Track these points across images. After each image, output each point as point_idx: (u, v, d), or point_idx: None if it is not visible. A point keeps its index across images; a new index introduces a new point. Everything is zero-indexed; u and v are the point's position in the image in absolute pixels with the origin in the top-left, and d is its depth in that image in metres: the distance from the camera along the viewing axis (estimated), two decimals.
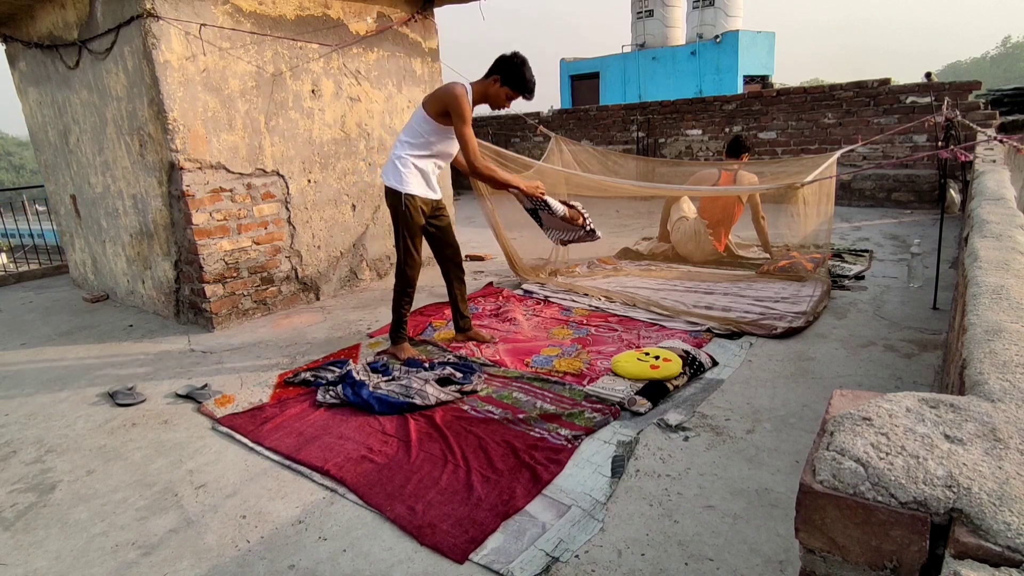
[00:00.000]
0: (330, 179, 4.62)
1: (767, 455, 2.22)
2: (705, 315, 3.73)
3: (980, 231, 2.04)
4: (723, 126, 8.97)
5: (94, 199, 4.74)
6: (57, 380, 3.37)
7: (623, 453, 2.26)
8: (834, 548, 0.75)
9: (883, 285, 4.24)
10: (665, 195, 5.35)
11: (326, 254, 4.67)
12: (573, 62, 20.14)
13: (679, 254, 5.21)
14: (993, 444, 0.77)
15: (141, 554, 1.89)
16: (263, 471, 2.31)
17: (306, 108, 4.38)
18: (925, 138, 7.26)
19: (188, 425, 2.73)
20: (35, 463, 2.50)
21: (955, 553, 0.66)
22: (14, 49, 4.98)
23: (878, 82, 7.68)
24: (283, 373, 3.19)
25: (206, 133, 3.83)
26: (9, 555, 1.94)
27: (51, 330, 4.32)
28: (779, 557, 1.71)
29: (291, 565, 1.80)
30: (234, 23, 3.89)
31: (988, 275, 1.53)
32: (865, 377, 2.82)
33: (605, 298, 4.20)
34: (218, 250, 3.98)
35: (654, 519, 1.90)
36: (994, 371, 0.99)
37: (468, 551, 1.79)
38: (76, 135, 4.64)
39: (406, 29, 4.99)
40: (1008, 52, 59.06)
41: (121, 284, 4.85)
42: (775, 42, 18.02)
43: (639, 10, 19.64)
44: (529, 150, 10.64)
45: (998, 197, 2.64)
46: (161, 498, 2.19)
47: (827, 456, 0.78)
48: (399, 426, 2.54)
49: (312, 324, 4.07)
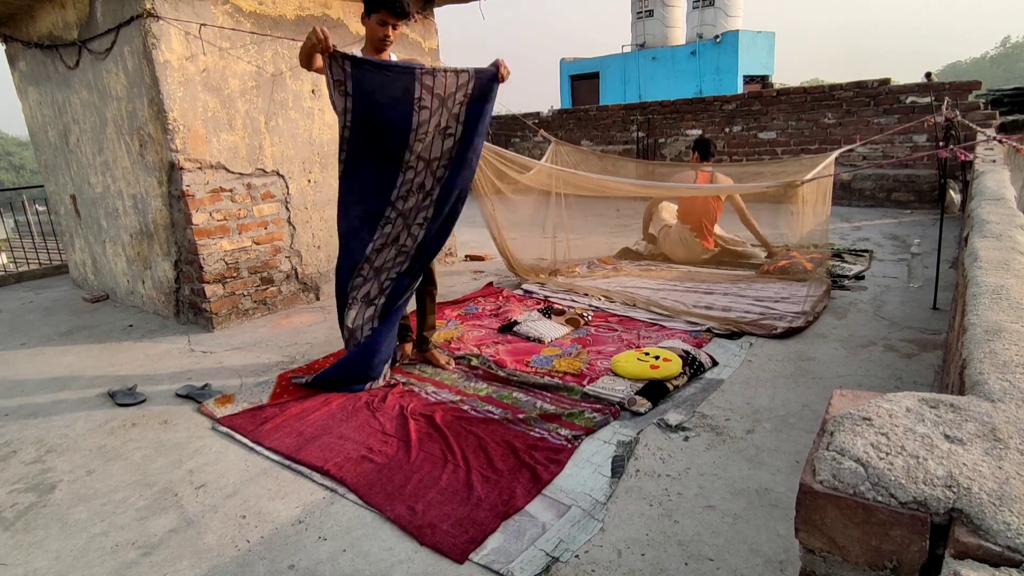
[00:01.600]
0: (330, 179, 4.62)
1: (767, 455, 2.22)
2: (705, 315, 3.73)
3: (980, 231, 2.04)
4: (723, 126, 8.97)
5: (94, 199, 4.74)
6: (57, 380, 3.37)
7: (623, 453, 2.26)
8: (834, 548, 0.75)
9: (883, 285, 4.24)
10: (665, 195, 5.37)
11: (326, 254, 4.67)
12: (573, 62, 20.14)
13: (674, 261, 5.23)
14: (993, 444, 0.77)
15: (141, 554, 1.89)
16: (263, 471, 2.31)
17: (306, 108, 4.38)
18: (925, 138, 7.26)
19: (188, 425, 2.73)
20: (35, 463, 2.49)
21: (955, 553, 0.66)
22: (14, 49, 4.98)
23: (878, 82, 7.69)
24: (283, 373, 3.19)
25: (206, 133, 3.83)
26: (9, 555, 1.94)
27: (51, 330, 4.32)
28: (779, 557, 1.71)
29: (291, 565, 1.80)
30: (234, 23, 3.89)
31: (988, 275, 1.53)
32: (865, 377, 2.82)
33: (605, 298, 4.20)
34: (218, 250, 3.98)
35: (654, 519, 1.90)
36: (994, 371, 0.99)
37: (468, 551, 1.79)
38: (76, 135, 4.64)
39: (406, 29, 4.99)
40: (1008, 52, 59.07)
41: (121, 284, 4.85)
42: (775, 42, 18.02)
43: (639, 10, 19.64)
44: (529, 150, 10.65)
45: (998, 197, 2.65)
46: (161, 498, 2.19)
47: (827, 456, 0.78)
48: (399, 426, 2.54)
49: (312, 324, 4.07)
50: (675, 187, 4.93)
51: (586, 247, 5.65)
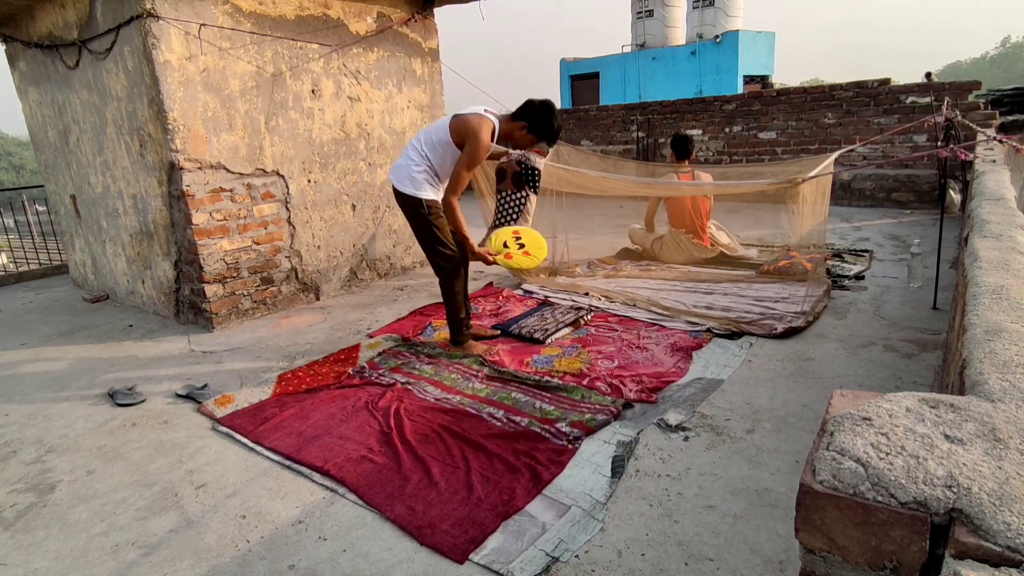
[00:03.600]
0: (330, 179, 4.62)
1: (767, 455, 2.22)
2: (705, 315, 3.73)
3: (980, 231, 2.04)
4: (723, 126, 8.97)
5: (94, 199, 4.74)
6: (57, 380, 3.37)
7: (623, 453, 2.26)
8: (834, 548, 0.75)
9: (883, 285, 4.24)
10: (664, 193, 5.37)
11: (326, 254, 4.67)
12: (573, 62, 20.13)
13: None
14: (993, 444, 0.77)
15: (141, 554, 1.89)
16: (263, 471, 2.31)
17: (306, 108, 4.38)
18: (925, 138, 7.25)
19: (188, 425, 2.73)
20: (35, 463, 2.50)
21: (955, 553, 0.66)
22: (14, 49, 4.98)
23: (878, 82, 7.68)
24: (283, 373, 3.19)
25: (206, 133, 3.83)
26: (9, 555, 1.94)
27: (51, 330, 4.32)
28: (779, 557, 1.71)
29: (291, 565, 1.80)
30: (234, 23, 3.89)
31: (988, 275, 1.53)
32: (865, 377, 2.82)
33: (605, 298, 4.20)
34: (218, 250, 3.98)
35: (654, 519, 1.90)
36: (994, 371, 0.99)
37: (468, 551, 1.79)
38: (76, 135, 4.64)
39: (406, 29, 4.99)
40: (1008, 52, 59.04)
41: (121, 284, 4.85)
42: (775, 42, 18.02)
43: (639, 10, 19.63)
44: None
45: (998, 197, 2.64)
46: (161, 498, 2.19)
47: (827, 456, 0.78)
48: (399, 426, 2.54)
49: (312, 324, 4.07)
50: (675, 185, 4.94)
51: (586, 247, 5.65)
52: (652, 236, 5.35)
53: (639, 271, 4.93)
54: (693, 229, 5.06)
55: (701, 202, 5.05)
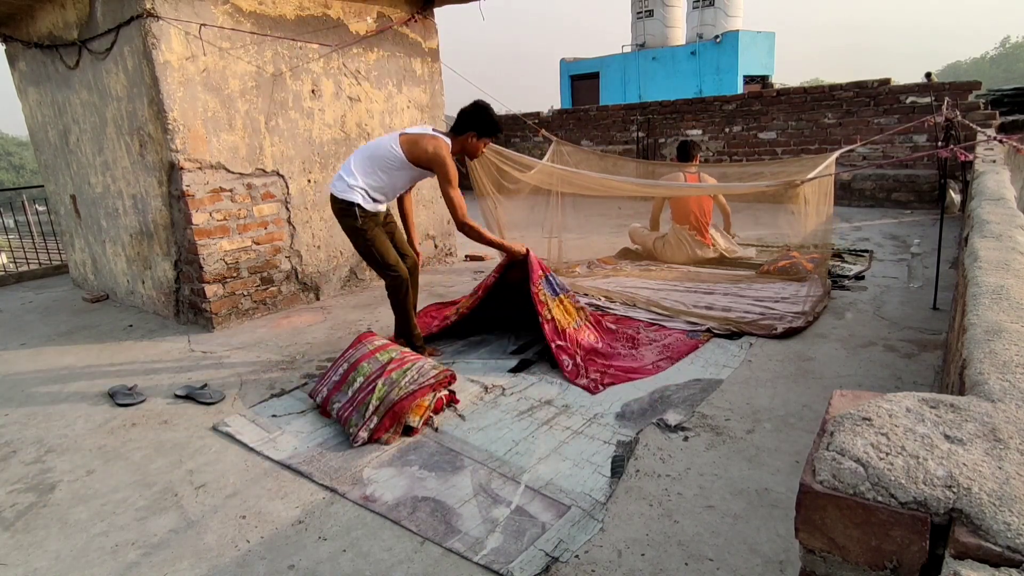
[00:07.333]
0: (330, 179, 4.62)
1: (767, 455, 2.22)
2: (705, 315, 3.73)
3: (980, 231, 2.04)
4: (723, 126, 8.97)
5: (94, 199, 4.74)
6: (57, 380, 3.37)
7: (623, 453, 2.26)
8: (834, 548, 0.75)
9: (883, 285, 4.24)
10: (666, 194, 5.38)
11: (326, 254, 4.67)
12: (573, 62, 20.14)
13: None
14: (993, 444, 0.77)
15: (141, 554, 1.89)
16: (263, 471, 2.31)
17: (306, 108, 4.38)
18: (925, 138, 7.25)
19: (188, 425, 2.73)
20: (35, 463, 2.49)
21: (955, 553, 0.66)
22: (14, 49, 4.97)
23: (878, 82, 7.68)
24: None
25: (206, 133, 3.83)
26: (9, 555, 1.94)
27: (51, 330, 4.32)
28: (779, 557, 1.71)
29: (291, 565, 1.80)
30: (234, 23, 3.89)
31: (988, 275, 1.53)
32: (865, 377, 2.82)
33: (605, 298, 4.20)
34: (218, 250, 3.98)
35: (654, 519, 1.90)
36: (994, 371, 0.99)
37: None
38: (76, 135, 4.64)
39: (406, 29, 4.99)
40: (1008, 52, 59.02)
41: (121, 284, 4.85)
42: (775, 42, 18.02)
43: (639, 10, 19.64)
44: (529, 150, 10.63)
45: (998, 197, 2.64)
46: (161, 498, 2.19)
47: (827, 456, 0.78)
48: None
49: (312, 324, 4.07)
50: (677, 186, 4.94)
51: (586, 247, 5.65)
52: (654, 235, 5.36)
53: (639, 271, 4.93)
54: (696, 226, 5.08)
55: (705, 200, 5.09)
